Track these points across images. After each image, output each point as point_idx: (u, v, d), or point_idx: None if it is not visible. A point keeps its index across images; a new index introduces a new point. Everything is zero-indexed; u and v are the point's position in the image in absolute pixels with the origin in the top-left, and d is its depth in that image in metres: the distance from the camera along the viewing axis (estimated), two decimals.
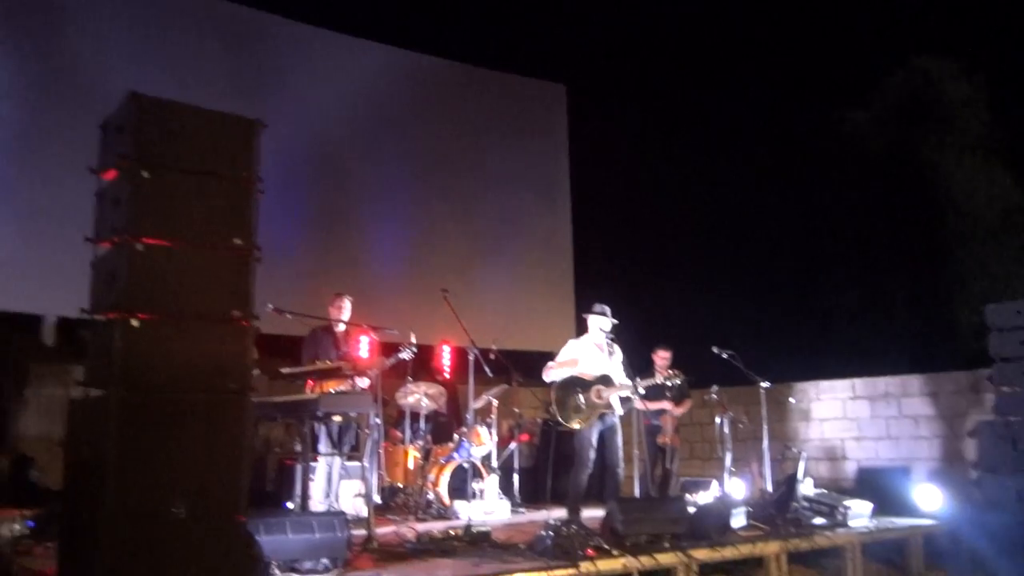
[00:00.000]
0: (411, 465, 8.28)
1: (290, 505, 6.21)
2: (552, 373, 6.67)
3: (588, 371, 6.62)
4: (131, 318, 2.86)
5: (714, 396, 7.46)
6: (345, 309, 6.57)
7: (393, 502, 8.25)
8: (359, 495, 6.64)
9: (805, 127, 13.58)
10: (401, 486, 8.31)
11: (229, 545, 2.95)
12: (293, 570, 4.20)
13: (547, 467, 9.77)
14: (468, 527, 5.44)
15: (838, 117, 13.27)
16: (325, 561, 4.30)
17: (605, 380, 6.54)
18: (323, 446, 6.01)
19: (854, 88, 13.18)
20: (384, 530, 5.90)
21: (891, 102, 12.96)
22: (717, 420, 7.46)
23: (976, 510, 7.09)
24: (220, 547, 2.92)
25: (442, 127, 11.55)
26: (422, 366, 9.64)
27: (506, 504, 7.96)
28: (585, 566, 4.65)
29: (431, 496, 7.79)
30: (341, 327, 6.52)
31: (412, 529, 5.68)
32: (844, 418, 10.84)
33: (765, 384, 7.17)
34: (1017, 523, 6.66)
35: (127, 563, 2.78)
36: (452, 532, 5.44)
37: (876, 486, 8.24)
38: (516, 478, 8.90)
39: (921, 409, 10.27)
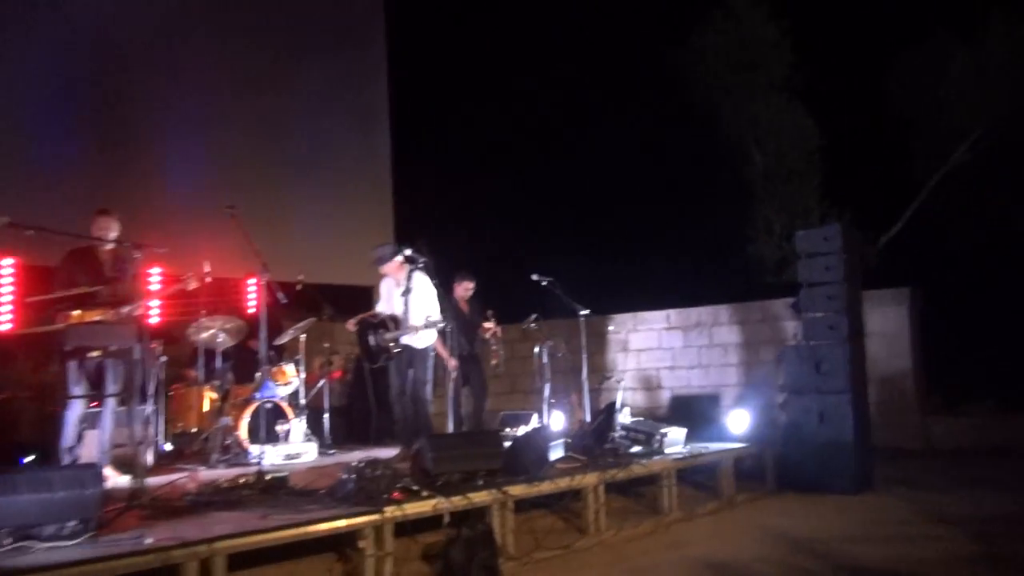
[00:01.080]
0: (207, 408, 7.49)
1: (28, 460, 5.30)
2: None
3: (383, 311, 6.78)
4: None
5: (533, 325, 7.16)
6: (110, 230, 5.58)
7: (189, 449, 7.47)
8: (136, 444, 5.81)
9: (622, 65, 13.52)
10: (196, 431, 7.51)
11: None
12: (30, 537, 3.44)
13: (364, 405, 9.24)
14: (260, 473, 4.81)
15: (654, 55, 13.27)
16: (73, 523, 3.56)
17: (384, 323, 6.62)
18: (80, 387, 5.11)
19: (668, 27, 13.23)
20: (165, 479, 5.15)
21: (704, 43, 13.07)
22: (536, 350, 7.18)
23: (781, 430, 7.29)
24: None
25: (244, 34, 10.38)
26: (225, 300, 8.79)
27: (314, 446, 7.35)
28: (390, 511, 4.17)
29: (230, 441, 7.08)
30: (109, 246, 5.54)
31: (193, 480, 4.99)
32: (659, 348, 11.03)
33: (584, 312, 6.93)
34: (818, 440, 6.88)
35: None
36: (243, 480, 4.79)
37: (689, 413, 8.37)
38: (327, 418, 8.31)
39: (729, 337, 10.59)
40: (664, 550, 5.04)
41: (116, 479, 5.25)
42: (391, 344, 6.48)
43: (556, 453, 5.71)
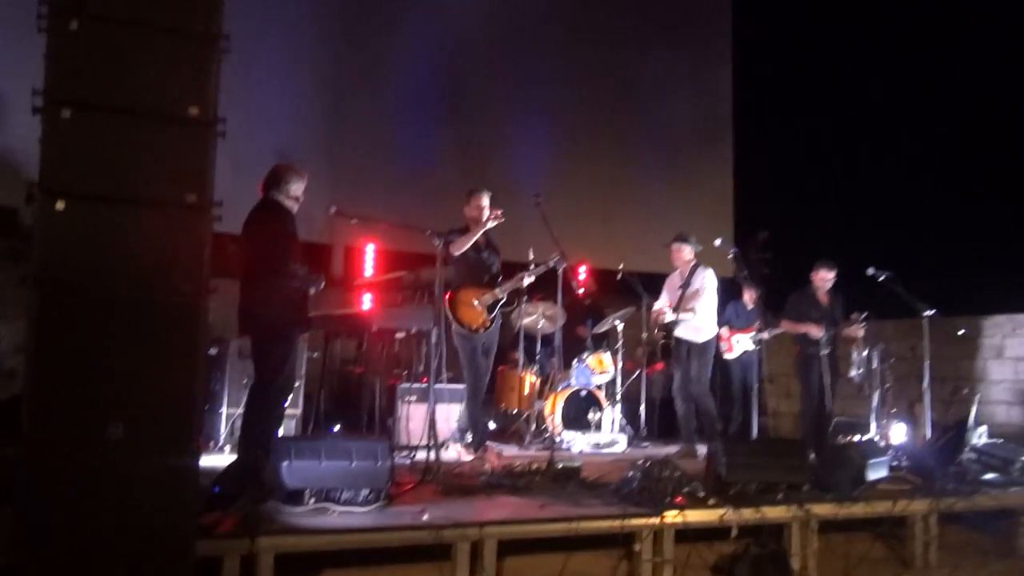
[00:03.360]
0: (527, 391, 7.78)
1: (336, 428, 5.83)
2: None
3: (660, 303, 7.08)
4: (53, 199, 2.38)
5: (862, 325, 6.31)
6: (484, 208, 6.04)
7: (509, 429, 7.83)
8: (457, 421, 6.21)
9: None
10: (517, 412, 7.83)
11: (177, 476, 2.47)
12: (329, 499, 3.77)
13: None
14: (551, 462, 4.81)
15: None
16: (366, 492, 3.83)
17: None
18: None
19: None
20: (466, 459, 5.41)
21: None
22: (865, 354, 6.34)
23: None
24: (165, 478, 2.44)
25: (589, 29, 10.53)
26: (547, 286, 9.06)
27: (624, 437, 7.27)
28: (670, 516, 3.91)
29: (544, 425, 7.28)
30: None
31: (492, 460, 5.14)
32: None
33: (929, 312, 5.93)
34: None
35: (47, 493, 2.36)
36: (535, 467, 4.83)
37: None
38: (643, 409, 8.16)
39: None
40: None
41: (463, 456, 5.76)
42: (658, 334, 6.94)
43: (878, 471, 4.95)
